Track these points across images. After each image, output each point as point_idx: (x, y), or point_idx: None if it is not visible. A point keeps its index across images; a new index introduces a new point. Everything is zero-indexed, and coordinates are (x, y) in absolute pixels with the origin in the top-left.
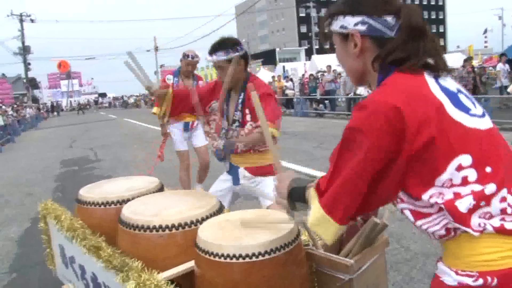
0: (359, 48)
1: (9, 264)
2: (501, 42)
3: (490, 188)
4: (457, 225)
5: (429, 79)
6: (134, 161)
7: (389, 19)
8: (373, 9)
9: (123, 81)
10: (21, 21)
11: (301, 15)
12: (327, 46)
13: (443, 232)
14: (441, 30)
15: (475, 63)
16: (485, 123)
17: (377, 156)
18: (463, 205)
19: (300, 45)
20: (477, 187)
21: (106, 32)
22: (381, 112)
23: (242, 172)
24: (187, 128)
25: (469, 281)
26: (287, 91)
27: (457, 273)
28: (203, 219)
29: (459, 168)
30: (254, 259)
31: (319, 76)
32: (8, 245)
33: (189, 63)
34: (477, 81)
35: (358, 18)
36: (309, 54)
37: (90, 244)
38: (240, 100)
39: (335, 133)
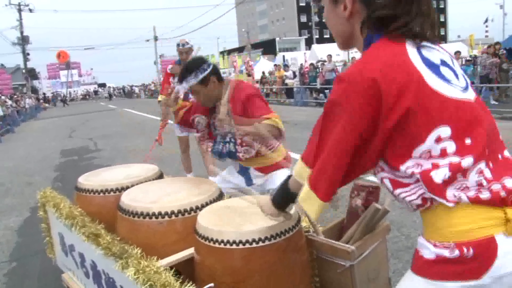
0: (349, 10)
1: (9, 253)
2: (502, 31)
3: (468, 160)
4: (432, 196)
5: (410, 48)
6: (134, 150)
7: None
8: None
9: (122, 71)
10: (20, 10)
11: (301, 4)
12: (327, 36)
13: (419, 201)
14: (442, 19)
15: (476, 52)
16: (467, 95)
17: (356, 127)
18: (438, 176)
19: (300, 35)
20: (455, 159)
21: (105, 21)
22: (358, 84)
23: (253, 172)
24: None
25: (446, 252)
26: (287, 81)
27: (435, 246)
28: (202, 206)
29: (438, 139)
30: (254, 245)
31: (319, 66)
32: (8, 234)
33: (180, 51)
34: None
35: None
36: (309, 43)
37: (89, 232)
38: (227, 112)
39: None
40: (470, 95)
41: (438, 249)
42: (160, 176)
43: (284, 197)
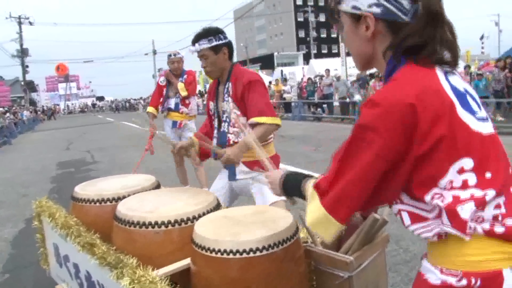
0: (372, 31)
1: (2, 264)
2: (498, 47)
3: (490, 194)
4: (451, 232)
5: (440, 75)
6: (131, 163)
7: (405, 2)
8: None
9: (121, 84)
10: (20, 23)
11: (299, 19)
12: (325, 51)
13: (435, 239)
14: None
15: (472, 68)
16: (488, 128)
17: (388, 155)
18: (465, 211)
19: (298, 50)
20: (477, 192)
21: (104, 35)
22: (395, 110)
23: (239, 167)
24: (175, 125)
25: (452, 280)
26: (285, 95)
27: (441, 272)
28: (200, 216)
29: (461, 171)
30: (251, 254)
31: (317, 80)
32: (2, 246)
33: (170, 61)
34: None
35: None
36: (307, 58)
37: (84, 241)
38: (225, 90)
39: (333, 137)
40: (490, 128)
41: (444, 275)
42: (157, 187)
43: (294, 191)
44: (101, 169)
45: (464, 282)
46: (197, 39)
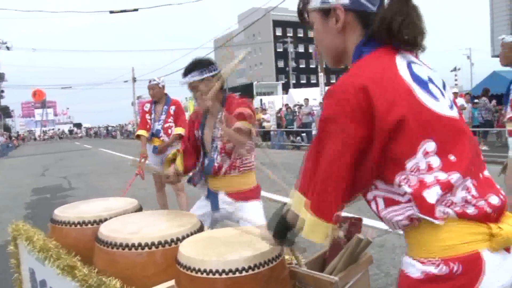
0: (342, 22)
1: None
2: (470, 80)
3: (455, 177)
4: (422, 216)
5: (400, 62)
6: (110, 189)
7: None
8: None
9: (99, 111)
10: None
11: (278, 50)
12: (304, 81)
13: (406, 222)
14: None
15: None
16: (453, 113)
17: (353, 142)
18: (431, 196)
19: (277, 80)
20: (442, 175)
21: (83, 61)
22: (349, 94)
23: (222, 197)
24: (155, 151)
25: (432, 269)
26: (265, 124)
27: (421, 263)
28: (183, 238)
29: (425, 153)
30: (237, 274)
31: (296, 109)
32: None
33: (149, 87)
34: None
35: None
36: (286, 88)
37: (64, 264)
38: (218, 120)
39: None
40: (455, 113)
41: (425, 266)
42: (139, 210)
43: (283, 229)
44: (78, 196)
45: (444, 269)
46: (188, 71)
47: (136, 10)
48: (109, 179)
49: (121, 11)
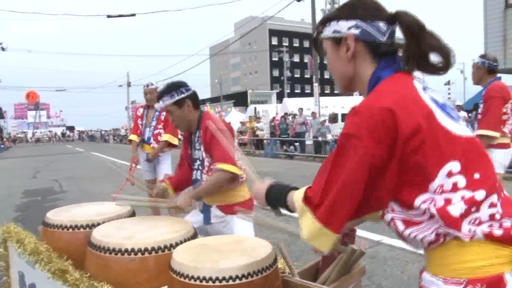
0: (352, 51)
1: None
2: (463, 94)
3: (480, 194)
4: (448, 230)
5: (418, 86)
6: (101, 194)
7: (381, 24)
8: (366, 14)
9: (93, 115)
10: None
11: (273, 59)
12: (298, 91)
13: (433, 237)
14: None
15: None
16: (469, 132)
17: (372, 160)
18: (455, 210)
19: (271, 89)
20: (468, 193)
21: (79, 64)
22: (375, 115)
23: (213, 211)
24: (147, 157)
25: None
26: (258, 132)
27: (445, 281)
28: (177, 244)
29: (449, 174)
30: (231, 282)
31: (290, 119)
32: None
33: (145, 91)
34: None
35: (351, 22)
36: (280, 97)
37: (55, 268)
38: (196, 139)
39: (304, 174)
40: (470, 132)
41: (448, 285)
42: (132, 215)
43: (279, 203)
44: (69, 199)
45: None
46: (160, 96)
47: (133, 15)
48: (101, 183)
49: (119, 16)
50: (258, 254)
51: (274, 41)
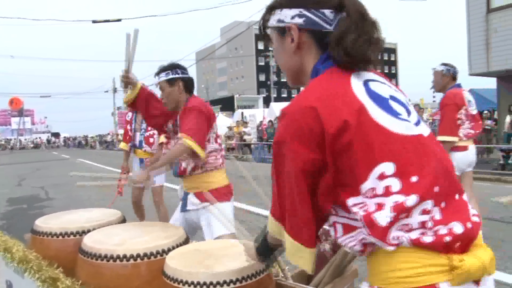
0: (296, 42)
1: None
2: None
3: (412, 199)
4: (371, 239)
5: (355, 81)
6: (89, 200)
7: (327, 12)
8: (311, 2)
9: (78, 121)
10: None
11: (260, 63)
12: (285, 95)
13: (359, 247)
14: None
15: (426, 115)
16: (419, 130)
17: (306, 164)
18: (381, 218)
19: (258, 93)
20: (400, 198)
21: (64, 70)
22: (298, 117)
23: (190, 198)
24: (142, 163)
25: None
26: (245, 137)
27: None
28: (169, 250)
29: (381, 176)
30: (225, 286)
31: (277, 123)
32: None
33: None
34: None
35: (295, 11)
36: (267, 102)
37: (46, 276)
38: (178, 121)
39: None
40: (423, 130)
41: None
42: (123, 221)
43: (266, 249)
44: (56, 206)
45: None
46: (158, 72)
47: (119, 20)
48: (88, 189)
49: (104, 21)
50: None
51: (260, 46)
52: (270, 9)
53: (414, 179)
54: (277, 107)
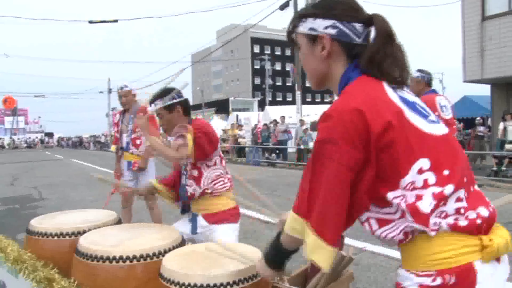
0: (327, 51)
1: None
2: None
3: (449, 188)
4: (415, 227)
5: (387, 87)
6: (83, 200)
7: (358, 26)
8: (344, 15)
9: (72, 121)
10: None
11: (255, 67)
12: (280, 99)
13: (401, 236)
14: None
15: None
16: (441, 129)
17: (349, 163)
18: (424, 206)
19: (253, 96)
20: (437, 189)
21: (58, 70)
22: (346, 118)
23: (199, 220)
24: (130, 166)
25: (428, 281)
26: (240, 140)
27: (417, 275)
28: (165, 251)
29: (420, 171)
30: None
31: (272, 126)
32: None
33: (119, 94)
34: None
35: (328, 22)
36: (262, 105)
37: (41, 276)
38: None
39: (287, 182)
40: (443, 129)
41: (420, 278)
42: (118, 222)
43: (279, 256)
44: (49, 206)
45: (438, 281)
46: (153, 99)
47: (115, 21)
48: (81, 190)
49: (101, 22)
50: (248, 261)
51: (256, 49)
52: (302, 17)
53: (446, 172)
54: (272, 111)
